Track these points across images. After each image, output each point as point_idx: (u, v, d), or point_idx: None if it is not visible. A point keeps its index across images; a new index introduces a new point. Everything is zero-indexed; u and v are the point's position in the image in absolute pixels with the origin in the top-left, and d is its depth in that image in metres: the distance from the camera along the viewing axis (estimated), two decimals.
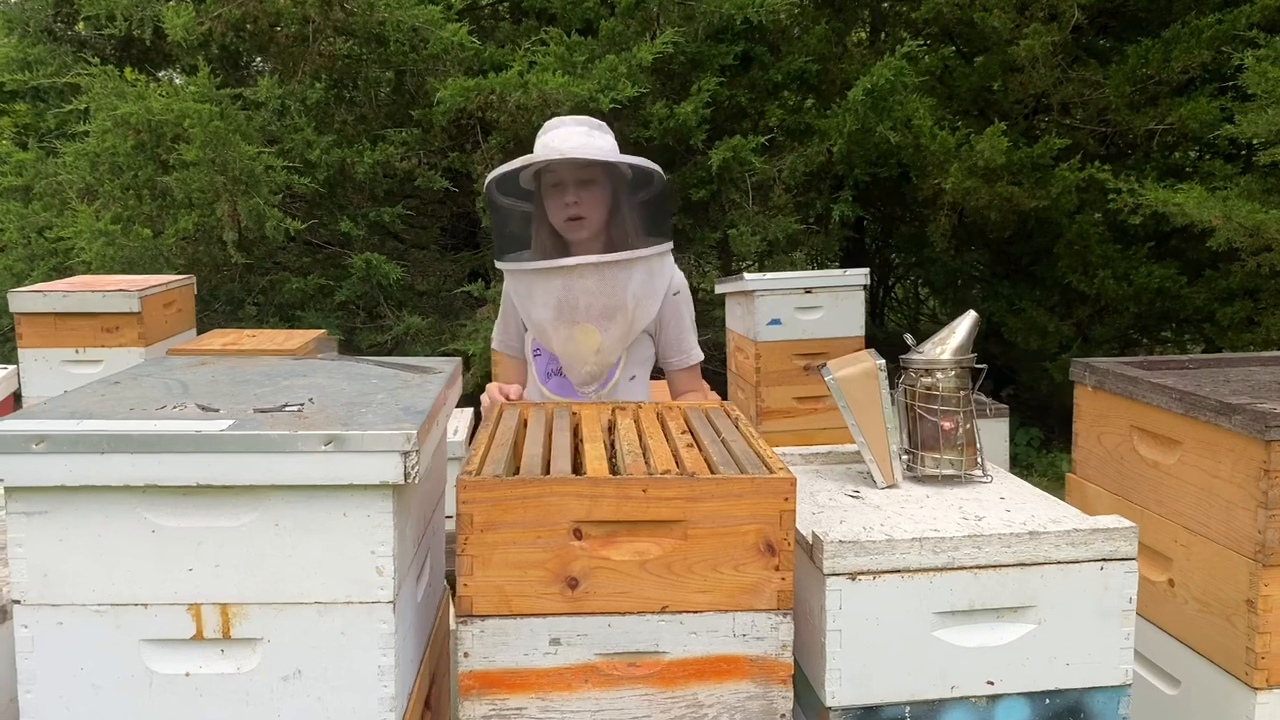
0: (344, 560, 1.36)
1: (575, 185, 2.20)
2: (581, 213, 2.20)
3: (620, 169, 2.22)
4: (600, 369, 2.23)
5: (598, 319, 2.17)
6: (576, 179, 2.20)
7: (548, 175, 2.22)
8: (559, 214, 2.22)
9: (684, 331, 2.33)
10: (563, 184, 2.20)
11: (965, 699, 1.56)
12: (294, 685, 1.38)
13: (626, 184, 2.24)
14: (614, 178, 2.23)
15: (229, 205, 4.95)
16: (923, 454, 1.93)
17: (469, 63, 5.26)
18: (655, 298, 2.23)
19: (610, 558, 1.46)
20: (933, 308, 7.75)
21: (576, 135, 2.19)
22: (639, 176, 2.23)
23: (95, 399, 1.52)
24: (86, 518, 1.34)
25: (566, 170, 2.19)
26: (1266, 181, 4.87)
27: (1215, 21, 5.20)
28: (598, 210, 2.22)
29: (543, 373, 2.33)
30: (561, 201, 2.20)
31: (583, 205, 2.20)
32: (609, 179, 2.22)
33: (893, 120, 5.45)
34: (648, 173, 2.20)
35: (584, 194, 2.20)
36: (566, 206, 2.20)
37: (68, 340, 3.76)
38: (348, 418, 1.41)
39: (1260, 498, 1.77)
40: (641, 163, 2.19)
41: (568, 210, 2.20)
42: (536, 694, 1.47)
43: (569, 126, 2.24)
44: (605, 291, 2.16)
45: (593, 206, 2.21)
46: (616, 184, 2.24)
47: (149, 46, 5.66)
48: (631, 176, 2.23)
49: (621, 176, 2.23)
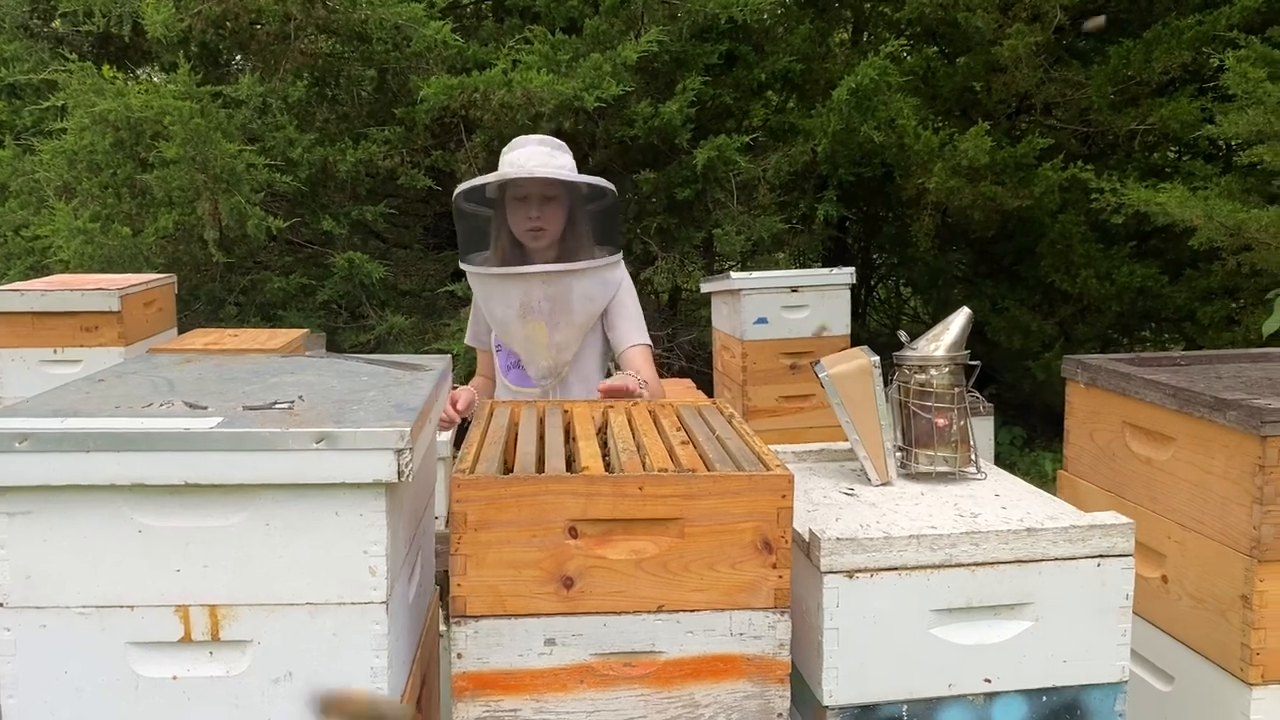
0: (336, 560, 1.34)
1: (538, 200, 2.42)
2: (543, 225, 2.43)
3: (579, 187, 2.45)
4: (557, 364, 2.46)
5: (554, 320, 2.40)
6: (540, 195, 2.42)
7: (512, 189, 2.44)
8: (521, 225, 2.44)
9: (622, 318, 2.51)
10: (527, 198, 2.42)
11: (963, 697, 1.55)
12: (285, 688, 1.35)
13: (583, 200, 2.48)
14: (572, 195, 2.46)
15: (210, 204, 4.89)
16: (917, 451, 1.92)
17: (452, 61, 5.22)
18: (604, 298, 2.47)
19: (606, 556, 1.44)
20: (915, 307, 7.77)
21: (540, 154, 2.43)
22: (595, 194, 2.47)
23: (80, 397, 1.49)
24: (71, 518, 1.31)
25: (532, 186, 2.41)
26: (1246, 181, 4.91)
27: (1195, 23, 5.24)
28: (556, 223, 2.45)
29: (504, 365, 2.56)
30: (525, 214, 2.42)
31: (544, 219, 2.42)
32: (568, 196, 2.45)
33: (876, 120, 5.46)
34: (603, 191, 2.45)
35: (545, 209, 2.42)
36: (529, 219, 2.42)
37: (46, 340, 3.69)
38: (339, 415, 1.39)
39: (1255, 493, 1.77)
40: (598, 182, 2.43)
41: (530, 223, 2.42)
42: (531, 695, 1.45)
43: (533, 146, 2.46)
44: (559, 295, 2.39)
45: (552, 220, 2.44)
46: (574, 200, 2.47)
47: (128, 43, 5.60)
48: (588, 194, 2.48)
49: (579, 194, 2.47)
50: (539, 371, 2.47)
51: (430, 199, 5.74)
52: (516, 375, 2.53)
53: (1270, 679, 1.80)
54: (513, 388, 2.53)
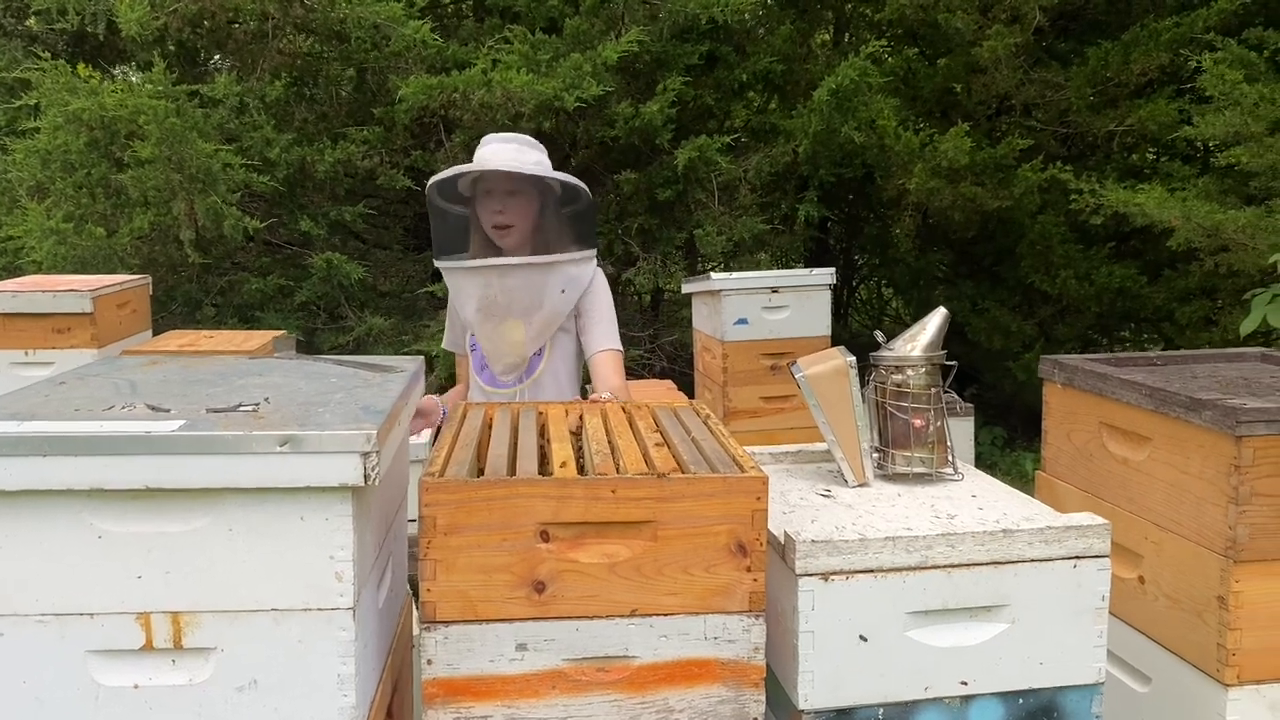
0: (301, 565, 1.31)
1: (503, 195, 2.41)
2: (508, 220, 2.42)
3: (544, 182, 2.43)
4: (519, 360, 2.46)
5: (518, 315, 2.40)
6: (504, 190, 2.41)
7: (480, 184, 2.44)
8: (488, 220, 2.44)
9: (594, 321, 2.49)
10: (492, 193, 2.42)
11: (939, 700, 1.54)
12: (249, 696, 1.32)
13: (550, 196, 2.45)
14: (539, 189, 2.44)
15: (186, 204, 4.84)
16: (893, 452, 1.91)
17: (431, 60, 5.19)
18: (570, 299, 2.45)
19: (578, 560, 1.42)
20: (896, 308, 7.78)
21: (506, 151, 2.41)
22: (562, 190, 2.45)
23: (39, 400, 1.46)
24: (28, 524, 1.28)
25: (495, 181, 2.41)
26: (1224, 182, 4.94)
27: (1173, 24, 5.27)
28: (523, 219, 2.43)
29: (477, 366, 2.55)
30: (490, 209, 2.42)
31: (509, 214, 2.41)
32: (535, 190, 2.43)
33: (857, 121, 5.46)
34: (571, 187, 2.43)
35: (510, 204, 2.41)
36: (494, 214, 2.42)
37: (16, 341, 3.64)
38: (304, 417, 1.36)
39: (1230, 493, 1.77)
40: (563, 177, 2.42)
41: (495, 218, 2.42)
42: (503, 701, 1.43)
43: (499, 144, 2.45)
44: (526, 290, 2.38)
45: (518, 215, 2.42)
46: (542, 195, 2.45)
47: (102, 42, 5.54)
48: (554, 189, 2.45)
49: (545, 188, 2.45)
50: (502, 367, 2.47)
51: (410, 199, 5.71)
52: (489, 376, 2.52)
53: (1246, 680, 1.80)
54: (486, 388, 2.52)
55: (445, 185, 2.45)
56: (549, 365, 2.49)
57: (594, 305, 2.50)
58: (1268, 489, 1.77)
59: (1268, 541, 1.79)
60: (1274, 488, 1.77)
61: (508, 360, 2.46)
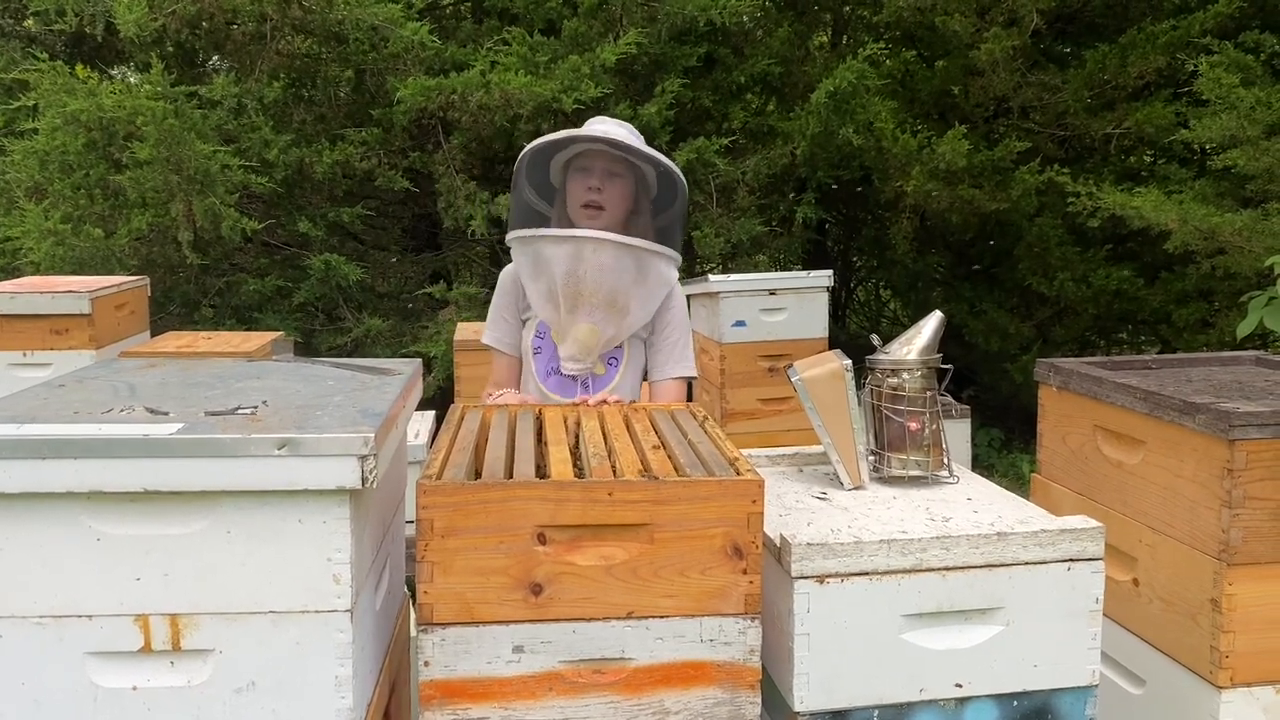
0: (299, 568, 1.32)
1: (602, 174, 2.23)
2: (601, 202, 2.22)
3: (647, 171, 2.26)
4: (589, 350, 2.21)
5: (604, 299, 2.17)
6: (604, 169, 2.23)
7: (578, 161, 2.26)
8: (579, 198, 2.24)
9: (672, 341, 2.32)
10: (590, 171, 2.24)
11: (934, 702, 1.55)
12: (247, 698, 1.33)
13: (649, 188, 2.29)
14: (639, 179, 2.27)
15: (184, 205, 4.84)
16: (889, 455, 1.92)
17: (430, 62, 5.19)
18: (654, 299, 2.25)
19: (575, 563, 1.43)
20: (894, 310, 7.79)
21: (619, 131, 2.25)
22: (663, 182, 2.26)
23: (38, 402, 1.46)
24: (27, 526, 1.28)
25: (597, 159, 2.23)
26: (1220, 185, 4.95)
27: (1170, 27, 5.27)
28: (617, 204, 2.24)
29: (543, 370, 2.30)
30: (584, 186, 2.23)
31: (604, 195, 2.23)
32: (634, 178, 2.26)
33: (855, 123, 5.47)
34: (671, 179, 2.24)
35: (608, 184, 2.23)
36: (588, 192, 2.22)
37: (15, 343, 3.65)
38: (303, 421, 1.37)
39: (1224, 497, 1.78)
40: (670, 167, 2.22)
41: (588, 195, 2.22)
42: (499, 703, 1.43)
43: (612, 125, 2.29)
44: (612, 273, 2.15)
45: (613, 199, 2.23)
46: (640, 185, 2.28)
47: (100, 43, 5.54)
48: (656, 182, 2.28)
49: (646, 179, 2.28)
50: (567, 353, 2.21)
51: (408, 200, 5.71)
52: (556, 382, 2.26)
53: (1239, 682, 1.81)
54: (551, 396, 2.25)
55: (543, 152, 2.24)
56: (624, 378, 2.26)
57: (675, 321, 2.30)
58: (1260, 492, 1.78)
59: (1260, 545, 1.80)
60: (1267, 491, 1.78)
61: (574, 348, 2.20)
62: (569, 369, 2.24)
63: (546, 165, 2.29)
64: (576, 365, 2.23)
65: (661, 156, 2.24)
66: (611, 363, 2.28)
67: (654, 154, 2.23)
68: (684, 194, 2.27)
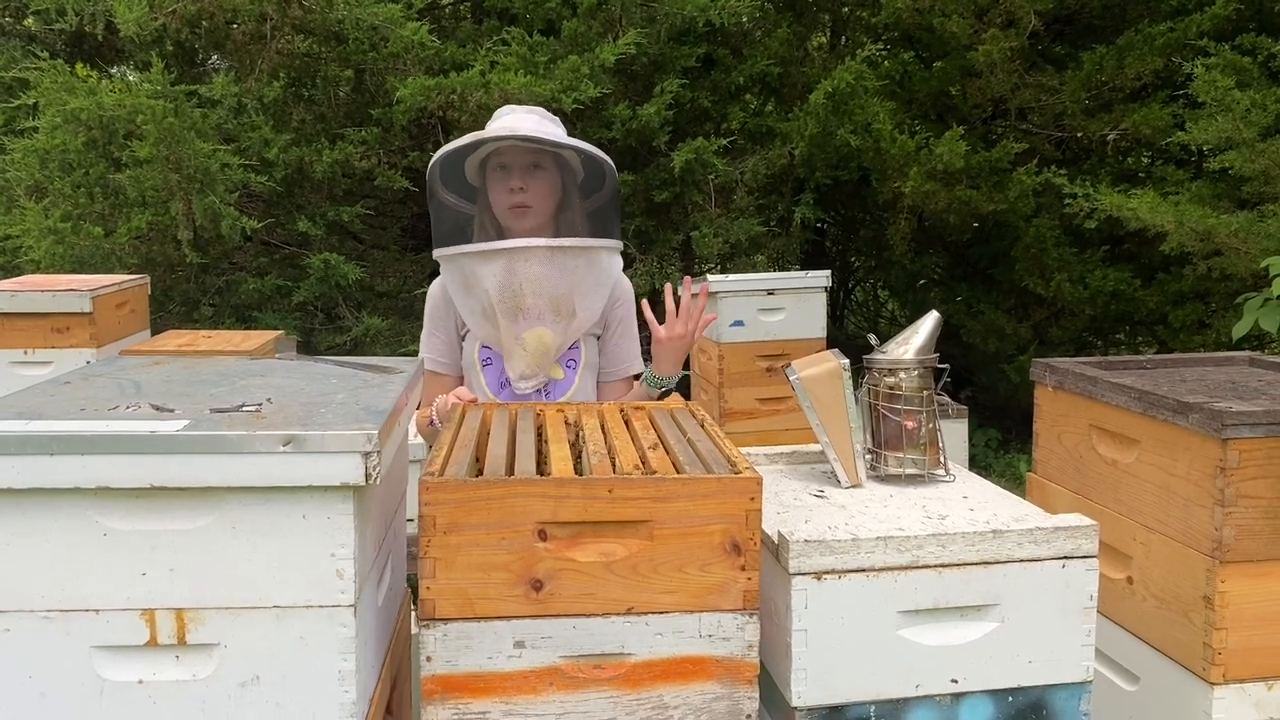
0: (303, 563, 1.33)
1: (523, 171, 2.09)
2: (527, 201, 2.08)
3: (568, 159, 2.11)
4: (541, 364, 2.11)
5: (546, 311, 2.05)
6: (524, 164, 2.09)
7: (494, 159, 2.11)
8: (503, 200, 2.10)
9: (626, 337, 2.24)
10: (509, 169, 2.09)
11: (930, 698, 1.56)
12: (252, 692, 1.34)
13: (575, 174, 2.14)
14: (562, 167, 2.13)
15: (184, 204, 4.85)
16: (886, 453, 1.94)
17: (429, 62, 5.21)
18: (600, 295, 2.13)
19: (575, 559, 1.44)
20: (892, 310, 7.82)
21: (528, 121, 2.09)
22: (589, 167, 2.11)
23: (45, 399, 1.48)
24: (34, 521, 1.30)
25: (513, 155, 2.08)
26: (1216, 187, 4.97)
27: (1167, 30, 5.30)
28: (544, 200, 2.11)
29: (494, 384, 2.18)
30: (506, 187, 2.08)
31: (529, 193, 2.08)
32: (557, 167, 2.12)
33: (853, 124, 5.49)
34: (598, 163, 2.08)
35: (530, 180, 2.08)
36: (511, 193, 2.08)
37: (16, 341, 3.66)
38: (307, 418, 1.38)
39: (1216, 495, 1.80)
40: (591, 150, 2.06)
41: (512, 197, 2.08)
42: (500, 698, 1.45)
43: (519, 114, 2.14)
44: (550, 279, 2.03)
45: (539, 195, 2.10)
46: (565, 174, 2.13)
47: (101, 42, 5.55)
48: (581, 166, 2.13)
49: (570, 167, 2.13)
50: (516, 371, 2.11)
51: (407, 200, 5.73)
52: (509, 395, 2.16)
53: (1232, 678, 1.83)
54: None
55: (453, 161, 2.09)
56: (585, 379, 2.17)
57: (624, 316, 2.20)
58: (1253, 491, 1.80)
59: (1253, 543, 1.82)
60: (1259, 490, 1.80)
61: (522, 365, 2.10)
62: (521, 388, 2.12)
63: (461, 171, 2.15)
64: (529, 383, 2.12)
65: (577, 141, 2.08)
66: (570, 365, 2.16)
67: (569, 140, 2.08)
68: (613, 176, 2.11)
